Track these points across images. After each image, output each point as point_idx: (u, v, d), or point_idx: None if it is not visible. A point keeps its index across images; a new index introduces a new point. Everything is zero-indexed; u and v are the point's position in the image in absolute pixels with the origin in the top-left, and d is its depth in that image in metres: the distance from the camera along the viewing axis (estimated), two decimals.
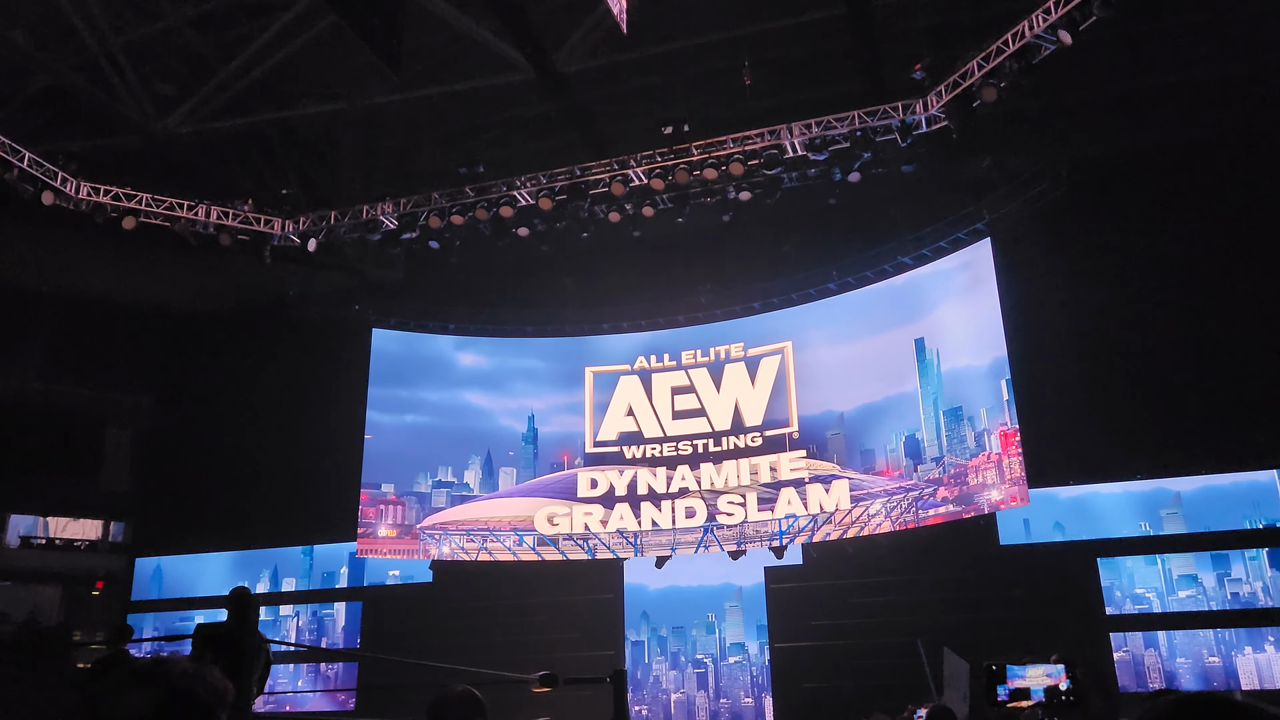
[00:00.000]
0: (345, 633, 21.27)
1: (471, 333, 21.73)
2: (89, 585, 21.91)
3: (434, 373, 21.87)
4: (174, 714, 1.38)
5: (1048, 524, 17.58)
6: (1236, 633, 16.06)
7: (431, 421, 21.53)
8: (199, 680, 1.42)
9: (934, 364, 18.65)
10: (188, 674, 1.42)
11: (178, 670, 1.42)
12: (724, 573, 19.78)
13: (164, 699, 1.37)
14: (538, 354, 21.80)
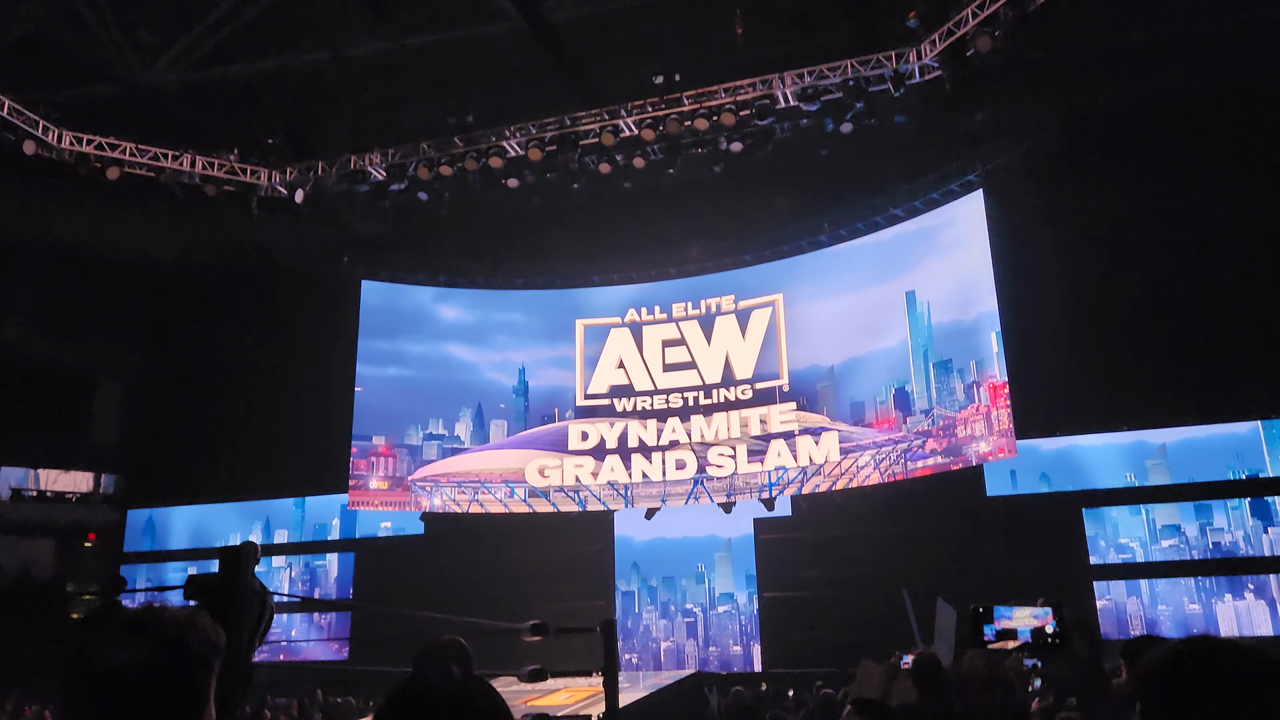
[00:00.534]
0: (338, 583, 21.45)
1: (461, 285, 21.65)
2: (81, 537, 21.99)
3: (424, 326, 21.82)
4: (166, 664, 1.37)
5: (1034, 475, 17.76)
6: (1217, 581, 16.32)
7: (422, 374, 21.53)
8: (190, 628, 1.41)
9: (924, 316, 18.68)
10: (178, 622, 1.41)
11: (168, 619, 1.41)
12: (713, 524, 19.96)
13: (155, 649, 1.36)
14: (528, 307, 21.76)
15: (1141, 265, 16.56)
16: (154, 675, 1.36)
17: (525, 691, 10.82)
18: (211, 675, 1.44)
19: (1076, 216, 17.18)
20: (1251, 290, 15.94)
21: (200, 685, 1.41)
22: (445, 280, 21.69)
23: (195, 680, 1.40)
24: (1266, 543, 16.14)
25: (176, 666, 1.38)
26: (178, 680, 1.38)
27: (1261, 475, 16.39)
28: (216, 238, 20.69)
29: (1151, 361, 16.34)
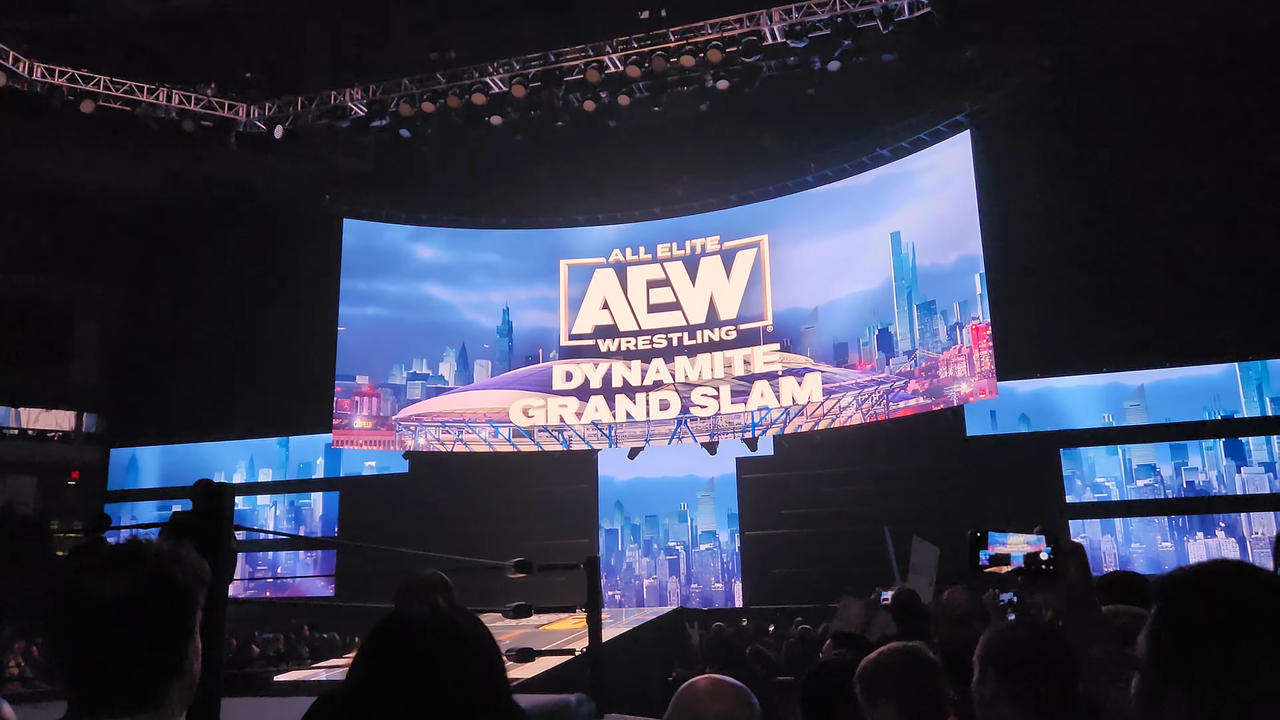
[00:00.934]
0: (323, 522, 21.57)
1: (444, 225, 21.46)
2: (64, 475, 21.97)
3: (407, 265, 21.68)
4: (151, 596, 1.37)
5: (1014, 416, 17.94)
6: (1189, 520, 16.63)
7: (405, 314, 21.44)
8: (175, 562, 1.41)
9: (909, 258, 18.68)
10: (163, 555, 1.40)
11: (152, 551, 1.41)
12: (696, 464, 20.12)
13: (140, 581, 1.36)
14: (511, 247, 21.62)
15: (1124, 208, 16.54)
16: (139, 607, 1.35)
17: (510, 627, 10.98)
18: (197, 608, 1.44)
19: (1062, 158, 17.10)
20: (1231, 234, 15.97)
21: (186, 617, 1.40)
22: (428, 220, 21.49)
23: (181, 612, 1.39)
24: (1239, 482, 16.42)
25: (162, 598, 1.37)
26: (163, 612, 1.37)
27: (1236, 416, 16.61)
28: (194, 174, 20.36)
29: (1131, 304, 16.42)
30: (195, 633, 1.44)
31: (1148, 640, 1.14)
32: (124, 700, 1.35)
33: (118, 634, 1.34)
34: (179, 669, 1.40)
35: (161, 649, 1.38)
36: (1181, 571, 1.16)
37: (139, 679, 1.36)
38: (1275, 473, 16.27)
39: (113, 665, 1.35)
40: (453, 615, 1.22)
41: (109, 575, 1.36)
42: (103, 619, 1.33)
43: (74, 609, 1.35)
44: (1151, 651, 1.12)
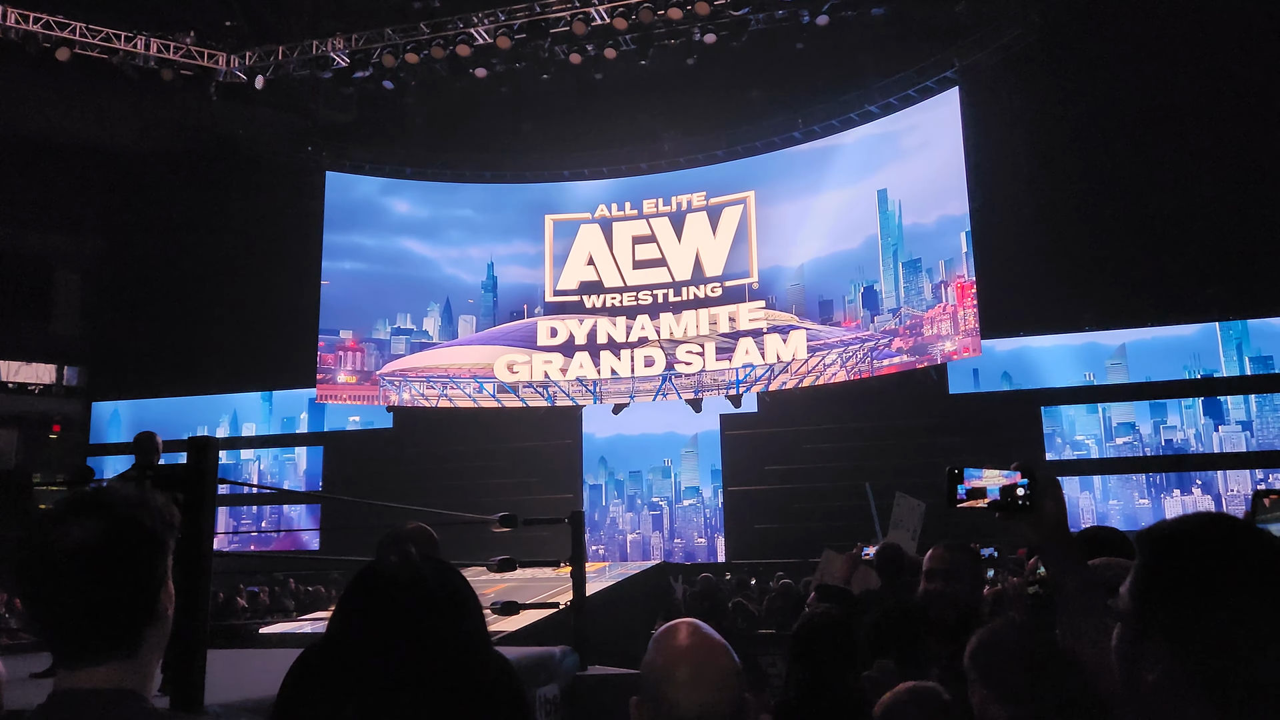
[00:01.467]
0: (307, 476, 21.59)
1: (428, 179, 21.25)
2: (45, 428, 21.85)
3: (390, 219, 21.50)
4: (119, 541, 1.35)
5: (996, 374, 18.06)
6: (1166, 477, 16.85)
7: (389, 268, 21.30)
8: (143, 506, 1.39)
9: (895, 215, 18.65)
10: (130, 500, 1.38)
11: (119, 497, 1.38)
12: (681, 420, 20.20)
13: (108, 527, 1.34)
14: (496, 201, 21.44)
15: (1110, 168, 16.54)
16: (108, 554, 1.34)
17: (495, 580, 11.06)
18: (167, 553, 1.42)
19: (1049, 116, 17.07)
20: (1215, 196, 15.99)
21: (156, 563, 1.39)
22: (412, 173, 21.28)
23: (151, 558, 1.38)
24: (1216, 440, 16.63)
25: (131, 544, 1.36)
26: (133, 558, 1.36)
27: (1215, 375, 16.78)
28: (174, 124, 20.05)
29: (1115, 263, 16.50)
30: (168, 578, 1.43)
31: (1130, 592, 1.14)
32: (98, 648, 1.35)
33: (87, 582, 1.32)
34: (152, 614, 1.40)
35: (133, 595, 1.36)
36: (1166, 524, 1.16)
37: (112, 626, 1.35)
38: (1252, 431, 16.48)
39: (84, 613, 1.34)
40: (421, 566, 1.21)
41: (75, 523, 1.35)
42: (71, 567, 1.32)
43: (41, 559, 1.33)
44: (1134, 604, 1.12)
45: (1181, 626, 1.06)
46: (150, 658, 1.41)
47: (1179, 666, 1.05)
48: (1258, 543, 1.09)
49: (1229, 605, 1.04)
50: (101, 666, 1.34)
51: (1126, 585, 1.16)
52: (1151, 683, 1.08)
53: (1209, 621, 1.04)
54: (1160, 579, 1.10)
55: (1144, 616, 1.10)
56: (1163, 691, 1.07)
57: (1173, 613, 1.07)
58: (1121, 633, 1.14)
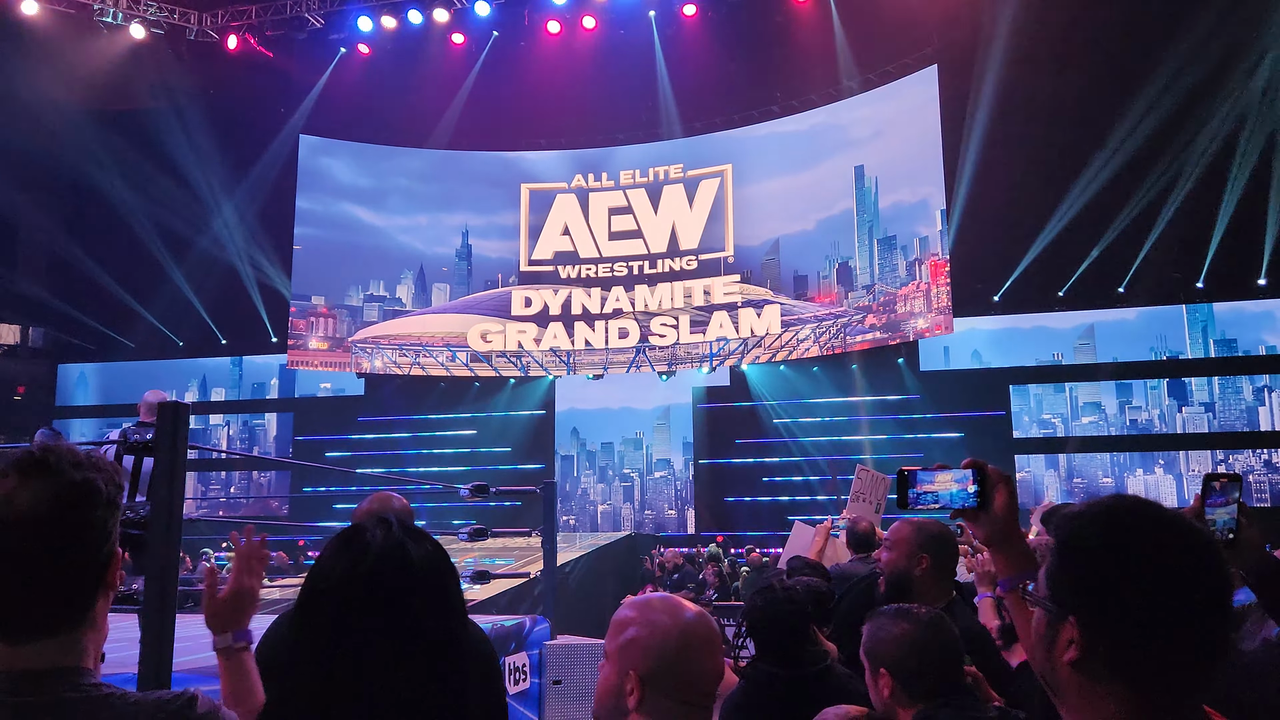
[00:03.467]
0: (277, 442, 21.47)
1: (404, 144, 21.00)
2: (10, 390, 21.55)
3: (365, 185, 21.26)
4: (72, 507, 1.26)
5: (967, 352, 18.23)
6: (1130, 456, 17.13)
7: (362, 235, 21.09)
8: (94, 467, 1.30)
9: (872, 191, 18.69)
10: (80, 461, 1.29)
11: (68, 457, 1.29)
12: (653, 392, 20.25)
13: (59, 491, 1.25)
14: (473, 170, 21.26)
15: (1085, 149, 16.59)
16: (59, 519, 1.25)
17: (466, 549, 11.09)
18: (117, 515, 1.33)
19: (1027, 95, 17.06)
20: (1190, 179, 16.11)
21: (108, 525, 1.31)
22: (387, 139, 21.02)
23: (104, 523, 1.30)
24: (1180, 421, 16.90)
25: (84, 508, 1.27)
26: (85, 523, 1.27)
27: (1181, 357, 17.04)
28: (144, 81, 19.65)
29: (1086, 245, 16.62)
30: (116, 545, 1.34)
31: (1045, 576, 1.16)
32: (46, 622, 1.26)
33: (38, 550, 1.23)
34: (103, 584, 1.31)
35: (86, 564, 1.27)
36: (1075, 507, 1.18)
37: (63, 598, 1.26)
38: (1214, 413, 16.75)
39: (34, 585, 1.24)
40: (406, 534, 1.19)
41: (23, 487, 1.24)
42: (19, 535, 1.22)
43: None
44: (1048, 587, 1.14)
45: (1091, 607, 1.08)
46: (99, 631, 1.32)
47: (1091, 647, 1.08)
48: (1163, 523, 1.11)
49: (1136, 586, 1.06)
50: (48, 641, 1.25)
51: (1043, 569, 1.18)
52: (1067, 663, 1.10)
53: (1117, 602, 1.07)
54: (1070, 562, 1.13)
55: (1057, 599, 1.13)
56: (1079, 672, 1.09)
57: (1083, 595, 1.10)
58: (1039, 615, 1.17)
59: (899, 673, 1.93)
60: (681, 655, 1.52)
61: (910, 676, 1.92)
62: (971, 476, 1.63)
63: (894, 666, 1.94)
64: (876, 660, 1.98)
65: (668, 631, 1.54)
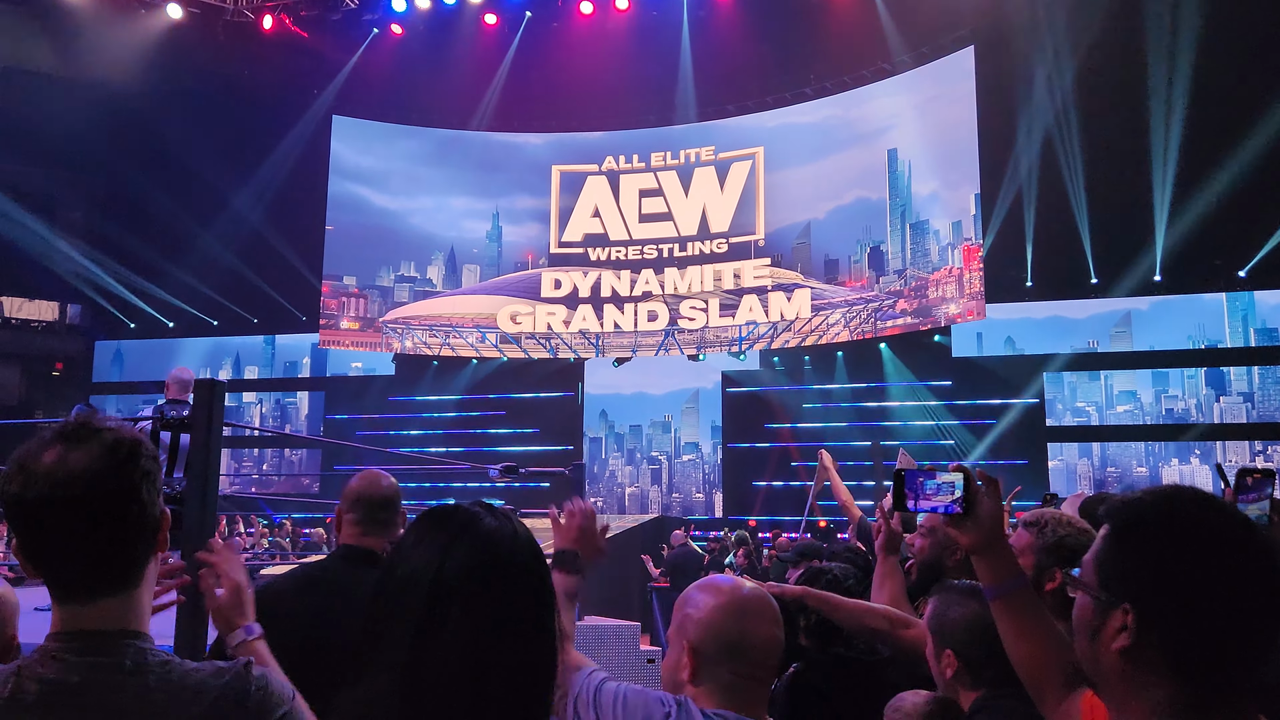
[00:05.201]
0: (309, 421, 21.67)
1: (436, 124, 21.04)
2: (48, 366, 21.88)
3: (396, 165, 21.33)
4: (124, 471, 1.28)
5: (1000, 338, 18.03)
6: (1166, 446, 16.89)
7: (394, 216, 21.18)
8: (134, 436, 1.32)
9: (905, 175, 18.51)
10: (123, 430, 1.32)
11: (111, 426, 1.32)
12: (682, 376, 20.22)
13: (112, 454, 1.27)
14: (504, 151, 21.26)
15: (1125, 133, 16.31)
16: (115, 480, 1.27)
17: None
18: (159, 480, 1.35)
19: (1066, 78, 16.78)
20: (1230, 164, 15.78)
21: (155, 494, 1.32)
22: (419, 120, 21.06)
23: (152, 488, 1.31)
24: (1217, 411, 16.64)
25: (134, 472, 1.29)
26: (137, 487, 1.29)
27: (1220, 346, 16.75)
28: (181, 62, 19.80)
29: (1124, 230, 16.37)
30: (162, 502, 1.36)
31: (1095, 564, 1.15)
32: (114, 577, 1.28)
33: (99, 505, 1.25)
34: (154, 546, 1.33)
35: (138, 526, 1.29)
36: (1131, 496, 1.17)
37: (126, 552, 1.28)
38: (1253, 403, 16.48)
39: (99, 540, 1.26)
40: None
41: (71, 450, 1.26)
42: (80, 491, 1.23)
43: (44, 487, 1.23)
44: (1098, 575, 1.14)
45: (1148, 596, 1.08)
46: (149, 594, 1.34)
47: (1144, 635, 1.08)
48: (1225, 516, 1.11)
49: (1197, 576, 1.06)
50: (110, 600, 1.27)
51: (1091, 553, 1.17)
52: (1115, 651, 1.10)
53: (1177, 591, 1.07)
54: (1127, 549, 1.12)
55: (1108, 586, 1.12)
56: (1127, 660, 1.09)
57: (1140, 583, 1.09)
58: (1084, 603, 1.16)
59: (965, 655, 1.86)
60: (732, 626, 1.53)
61: (977, 661, 1.85)
62: (958, 486, 1.60)
63: (961, 648, 1.87)
64: (943, 640, 1.92)
65: (718, 605, 1.56)
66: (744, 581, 1.64)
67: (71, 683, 1.22)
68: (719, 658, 1.53)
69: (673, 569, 10.95)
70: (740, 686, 1.53)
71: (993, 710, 1.81)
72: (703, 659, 1.54)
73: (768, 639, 1.55)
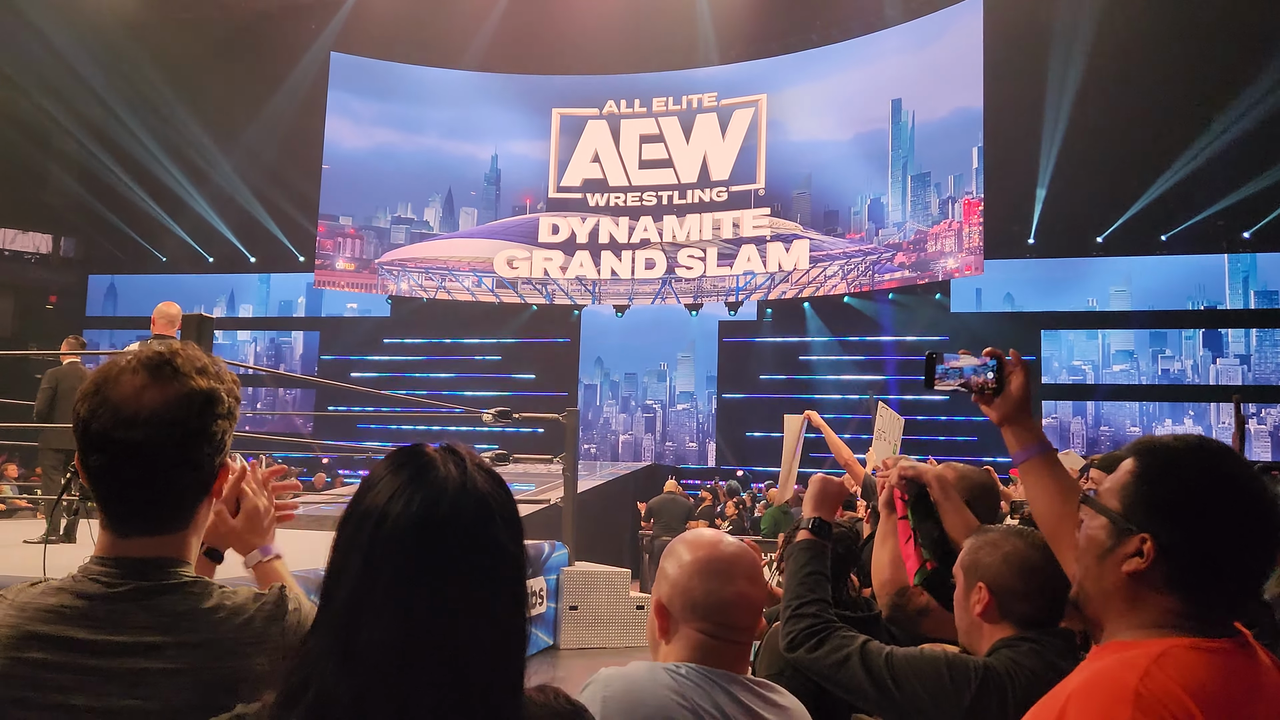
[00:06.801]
0: (303, 360, 21.62)
1: (435, 64, 20.69)
2: (42, 299, 21.75)
3: (394, 105, 21.02)
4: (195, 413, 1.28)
5: (999, 294, 17.97)
6: (1160, 405, 16.93)
7: (390, 157, 20.92)
8: (218, 378, 1.33)
9: (908, 126, 18.29)
10: (207, 371, 1.33)
11: (196, 363, 1.32)
12: (678, 325, 20.15)
13: (184, 396, 1.27)
14: (503, 92, 20.93)
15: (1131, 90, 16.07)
16: (187, 419, 1.27)
17: None
18: (233, 427, 1.35)
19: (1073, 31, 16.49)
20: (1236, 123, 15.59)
21: (223, 436, 1.32)
22: (418, 59, 20.71)
23: (220, 430, 1.31)
24: (1213, 372, 16.64)
25: (203, 413, 1.28)
26: (207, 428, 1.29)
27: (1219, 308, 16.71)
28: None
29: (1126, 188, 16.23)
30: (227, 451, 1.36)
31: (1120, 493, 1.25)
32: (163, 518, 1.28)
33: (161, 449, 1.24)
34: (211, 489, 1.34)
35: (202, 466, 1.29)
36: (1164, 439, 1.28)
37: (179, 496, 1.29)
38: (1249, 365, 16.48)
39: (155, 482, 1.26)
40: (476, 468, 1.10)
41: (150, 386, 1.26)
42: (146, 432, 1.23)
43: (116, 419, 1.23)
44: (1123, 504, 1.24)
45: (1172, 530, 1.19)
46: (197, 536, 1.35)
47: (1157, 565, 1.19)
48: (1242, 468, 1.23)
49: (1222, 518, 1.19)
50: (155, 538, 1.28)
51: (1114, 483, 1.28)
52: (1125, 574, 1.21)
53: (1201, 530, 1.19)
54: (1158, 487, 1.22)
55: (1130, 516, 1.23)
56: (1134, 581, 1.21)
57: (1166, 518, 1.20)
58: (1098, 525, 1.27)
59: (998, 589, 1.81)
60: (698, 585, 1.50)
61: (1010, 595, 1.81)
62: (993, 365, 1.80)
63: (994, 581, 1.82)
64: (975, 574, 1.86)
65: (687, 562, 1.53)
66: (725, 538, 1.59)
67: (112, 597, 1.23)
68: (687, 616, 1.51)
69: (650, 513, 10.98)
70: (710, 645, 1.49)
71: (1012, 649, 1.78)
72: (671, 617, 1.52)
73: (736, 597, 1.50)
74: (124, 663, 1.20)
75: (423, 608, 0.98)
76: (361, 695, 0.97)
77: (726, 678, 1.48)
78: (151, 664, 1.21)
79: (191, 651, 1.23)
